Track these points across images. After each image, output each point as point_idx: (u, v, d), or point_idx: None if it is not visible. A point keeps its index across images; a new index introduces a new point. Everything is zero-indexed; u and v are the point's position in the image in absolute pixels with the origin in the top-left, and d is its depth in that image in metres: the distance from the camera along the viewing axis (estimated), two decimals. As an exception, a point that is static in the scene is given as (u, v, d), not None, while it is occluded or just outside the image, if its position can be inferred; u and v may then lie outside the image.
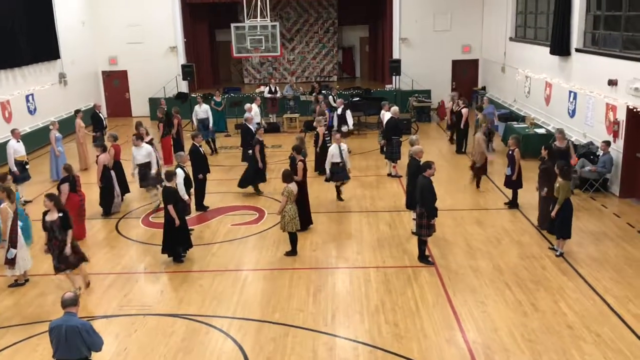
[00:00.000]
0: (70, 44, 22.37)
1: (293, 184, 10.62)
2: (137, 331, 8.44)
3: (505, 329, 8.17)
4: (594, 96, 14.59)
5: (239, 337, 8.21)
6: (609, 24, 14.55)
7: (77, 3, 23.39)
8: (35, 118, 19.88)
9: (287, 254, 10.81)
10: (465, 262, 10.31)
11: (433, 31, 24.60)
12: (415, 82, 24.27)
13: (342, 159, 13.22)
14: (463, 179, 15.09)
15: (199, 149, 13.18)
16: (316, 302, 9.08)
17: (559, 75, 16.93)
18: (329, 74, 29.02)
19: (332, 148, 13.34)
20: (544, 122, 17.77)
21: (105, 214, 13.11)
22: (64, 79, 21.90)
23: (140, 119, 20.02)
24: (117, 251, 11.34)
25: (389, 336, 8.10)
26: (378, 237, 11.55)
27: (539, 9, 19.43)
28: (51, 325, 6.20)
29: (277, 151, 18.30)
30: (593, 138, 14.49)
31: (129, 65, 24.97)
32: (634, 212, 12.44)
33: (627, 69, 12.95)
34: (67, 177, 11.52)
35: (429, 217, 9.93)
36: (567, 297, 8.99)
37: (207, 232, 12.08)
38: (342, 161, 13.24)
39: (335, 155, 13.20)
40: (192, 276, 10.15)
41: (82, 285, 9.62)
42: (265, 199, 14.02)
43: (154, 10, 24.21)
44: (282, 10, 28.22)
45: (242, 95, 23.92)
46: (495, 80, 23.59)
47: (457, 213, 12.66)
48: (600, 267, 9.97)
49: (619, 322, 8.29)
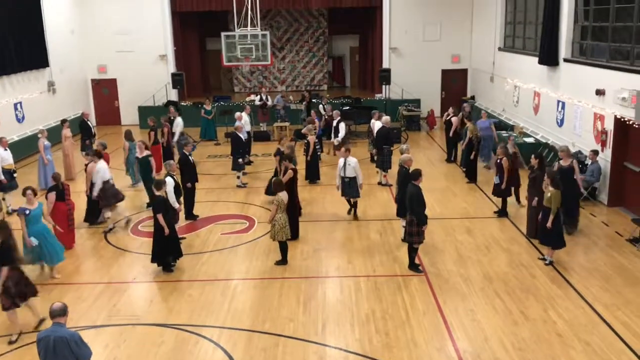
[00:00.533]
0: (60, 52, 22.26)
1: (283, 193, 10.61)
2: (126, 341, 8.37)
3: (495, 338, 8.19)
4: (582, 106, 14.72)
5: (228, 347, 8.16)
6: (597, 34, 14.71)
7: (67, 11, 23.31)
8: (23, 126, 19.74)
9: (278, 263, 10.77)
10: (455, 270, 10.33)
11: (423, 41, 24.73)
12: (405, 92, 24.39)
13: (345, 173, 12.60)
14: (452, 187, 15.14)
15: (188, 157, 13.13)
16: (306, 312, 9.05)
17: (548, 85, 17.07)
18: (319, 83, 29.08)
19: (339, 162, 12.85)
20: (532, 132, 17.89)
21: (91, 223, 12.99)
22: (52, 87, 21.78)
23: (130, 127, 19.95)
24: (106, 260, 11.24)
25: (380, 345, 8.08)
26: (368, 246, 11.55)
27: (527, 20, 19.61)
28: (39, 336, 6.12)
29: (268, 160, 18.28)
30: (581, 147, 14.60)
31: (118, 74, 24.87)
32: (623, 220, 12.53)
33: (614, 78, 13.09)
34: (54, 186, 11.43)
35: (419, 225, 9.96)
36: (557, 306, 9.02)
37: (197, 241, 12.02)
38: (347, 176, 12.62)
39: (340, 170, 12.70)
40: (182, 285, 10.08)
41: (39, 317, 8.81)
42: (255, 207, 13.98)
43: (143, 19, 24.16)
44: (273, 20, 28.28)
45: (232, 104, 23.92)
46: (484, 90, 23.75)
47: (446, 221, 12.69)
48: (590, 276, 10.02)
49: (608, 330, 8.33)
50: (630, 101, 12.14)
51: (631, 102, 12.11)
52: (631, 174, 12.91)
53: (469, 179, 15.47)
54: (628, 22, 13.11)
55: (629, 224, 12.07)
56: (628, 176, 13.05)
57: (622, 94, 12.53)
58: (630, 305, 9.01)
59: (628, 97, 12.27)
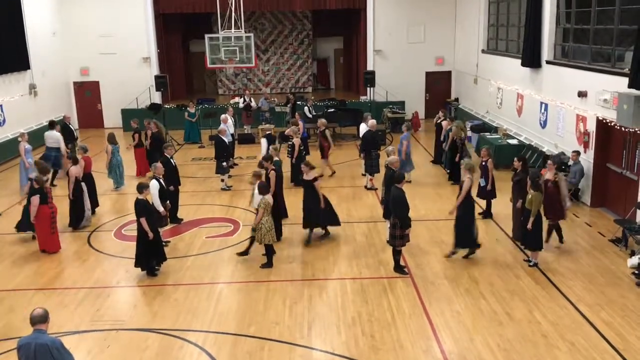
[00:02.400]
0: (41, 55, 21.99)
1: (269, 196, 10.56)
2: (109, 347, 8.27)
3: (480, 339, 8.21)
4: (564, 107, 14.86)
5: (214, 351, 8.09)
6: (578, 36, 14.86)
7: (48, 13, 23.05)
8: (4, 129, 19.49)
9: (263, 266, 10.72)
10: (440, 272, 10.35)
11: (407, 43, 24.82)
12: (389, 94, 24.45)
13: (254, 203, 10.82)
14: (437, 188, 15.19)
15: (170, 160, 12.96)
16: (292, 315, 9.01)
17: (530, 87, 17.21)
18: (304, 85, 29.06)
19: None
20: (516, 133, 18.02)
21: (74, 227, 12.84)
22: (34, 89, 21.52)
23: (113, 130, 19.77)
24: (89, 265, 11.10)
25: (366, 348, 8.07)
26: (354, 248, 11.54)
27: (510, 22, 19.76)
28: (20, 343, 6.01)
29: (252, 162, 18.21)
30: (564, 148, 14.73)
31: (101, 76, 24.64)
32: (605, 221, 12.65)
33: (596, 80, 13.22)
34: (38, 189, 11.28)
35: (403, 227, 9.96)
36: (541, 306, 9.08)
37: (181, 245, 11.92)
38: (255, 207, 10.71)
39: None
40: (167, 290, 9.99)
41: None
42: (240, 210, 13.91)
43: (126, 21, 23.97)
44: (257, 22, 28.23)
45: (217, 107, 23.81)
46: (468, 92, 23.89)
47: (431, 223, 12.72)
48: (573, 276, 10.10)
49: (592, 330, 8.39)
50: (612, 103, 12.27)
51: (612, 103, 12.24)
52: (613, 175, 13.05)
53: (453, 181, 15.52)
54: (609, 24, 13.26)
55: (612, 224, 12.19)
56: (610, 177, 13.18)
57: (604, 96, 12.67)
58: (613, 304, 9.08)
59: (609, 99, 12.41)
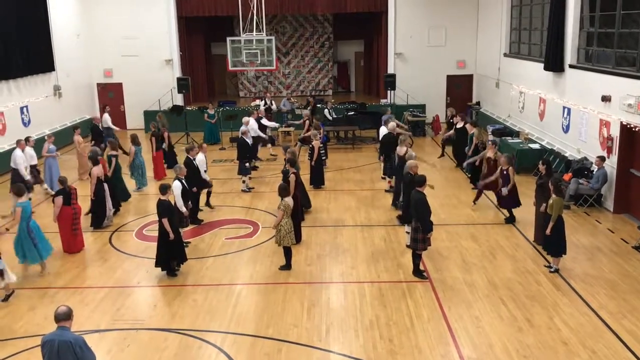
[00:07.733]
0: (65, 56, 22.35)
1: (289, 198, 10.60)
2: (129, 346, 8.36)
3: (500, 345, 8.14)
4: (587, 112, 14.68)
5: (232, 352, 8.14)
6: (602, 40, 14.68)
7: (73, 16, 23.41)
8: (29, 130, 19.74)
9: (282, 268, 10.75)
10: (460, 277, 10.28)
11: (428, 46, 24.73)
12: (410, 97, 24.38)
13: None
14: (457, 193, 15.11)
15: (193, 162, 13.11)
16: (310, 317, 9.02)
17: (553, 91, 17.03)
18: (324, 88, 29.10)
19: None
20: (538, 138, 17.85)
21: (95, 227, 13.01)
22: (58, 91, 21.87)
23: (135, 131, 19.97)
24: (110, 264, 11.24)
25: (384, 352, 8.05)
26: (373, 251, 11.52)
27: (533, 26, 19.59)
28: (43, 340, 6.12)
29: (272, 164, 18.28)
30: (587, 154, 14.55)
31: (124, 78, 24.95)
32: (628, 227, 12.46)
33: (620, 85, 13.05)
34: (62, 190, 11.46)
35: (424, 232, 9.92)
36: (562, 313, 8.97)
37: (201, 246, 12.02)
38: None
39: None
40: (186, 290, 10.07)
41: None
42: (260, 212, 13.97)
43: (149, 23, 24.25)
44: (278, 25, 28.35)
45: (238, 109, 23.95)
46: (489, 96, 23.72)
47: (451, 227, 12.65)
48: (595, 283, 9.97)
49: (614, 337, 8.27)
50: (636, 107, 12.11)
51: (637, 108, 12.08)
52: (637, 181, 12.85)
53: (474, 185, 15.41)
54: (634, 28, 13.08)
55: (635, 230, 12.02)
56: (634, 183, 12.99)
57: (628, 101, 12.49)
58: (636, 312, 8.94)
59: (634, 104, 12.24)
